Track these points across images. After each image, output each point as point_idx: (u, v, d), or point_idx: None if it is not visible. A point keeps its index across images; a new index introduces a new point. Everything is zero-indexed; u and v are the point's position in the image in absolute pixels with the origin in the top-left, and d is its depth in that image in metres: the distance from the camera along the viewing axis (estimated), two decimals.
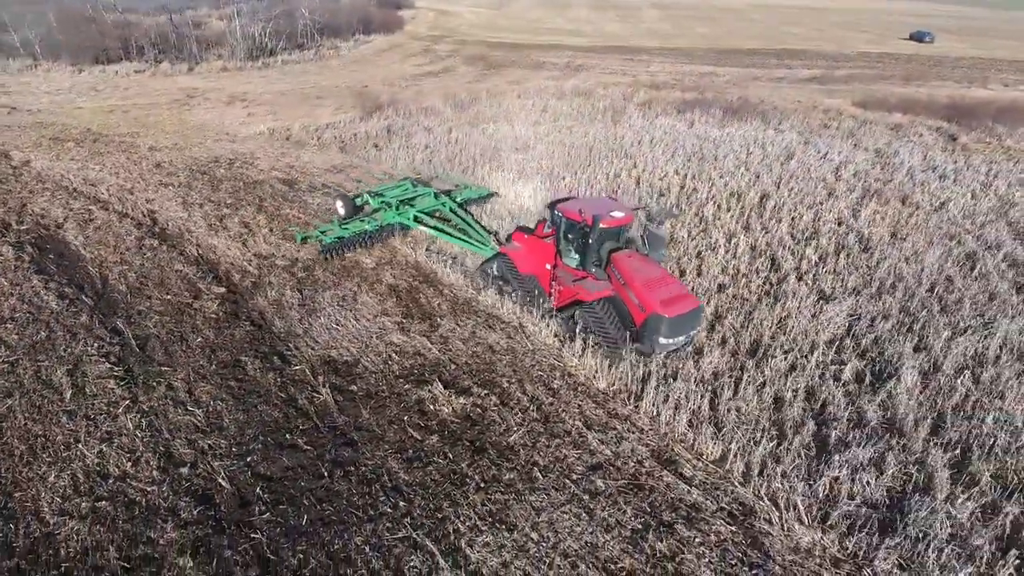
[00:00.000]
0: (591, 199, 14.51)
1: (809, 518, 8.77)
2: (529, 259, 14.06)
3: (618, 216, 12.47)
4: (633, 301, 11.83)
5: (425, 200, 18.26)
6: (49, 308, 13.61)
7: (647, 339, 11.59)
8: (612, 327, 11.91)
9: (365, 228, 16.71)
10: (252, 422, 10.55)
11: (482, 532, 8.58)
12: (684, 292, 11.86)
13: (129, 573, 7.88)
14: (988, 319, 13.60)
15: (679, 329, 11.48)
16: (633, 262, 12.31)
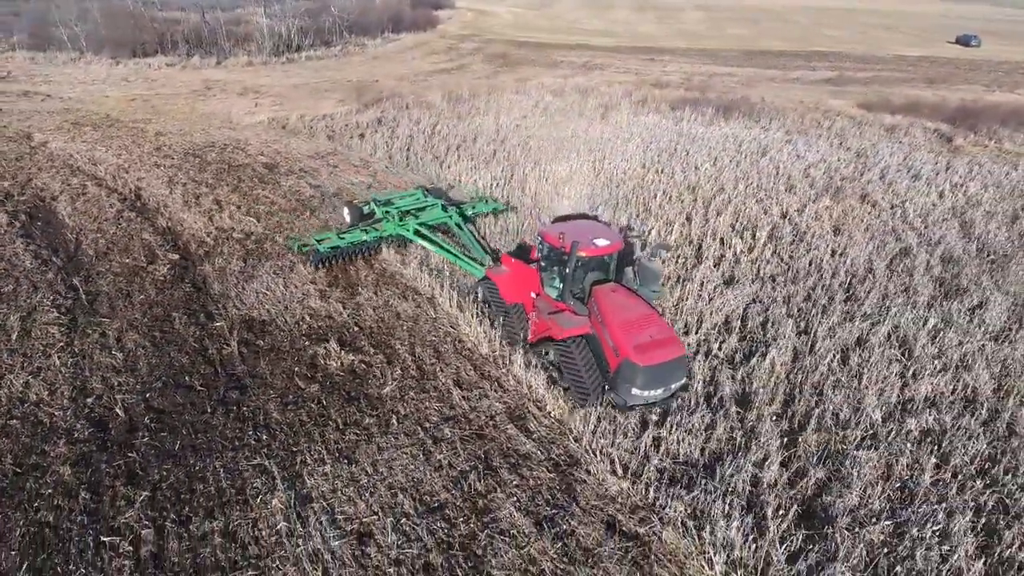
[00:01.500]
0: (580, 223, 12.62)
1: (622, 470, 9.48)
2: (514, 286, 12.72)
3: (601, 244, 11.00)
4: (608, 343, 10.29)
5: (432, 212, 17.35)
6: (23, 266, 15.31)
7: (620, 389, 10.03)
8: (585, 371, 10.37)
9: (363, 239, 15.98)
10: (161, 365, 11.88)
11: (325, 464, 9.64)
12: (668, 337, 10.08)
13: (18, 476, 9.22)
14: (886, 309, 13.83)
15: (657, 380, 9.87)
16: (615, 297, 10.74)
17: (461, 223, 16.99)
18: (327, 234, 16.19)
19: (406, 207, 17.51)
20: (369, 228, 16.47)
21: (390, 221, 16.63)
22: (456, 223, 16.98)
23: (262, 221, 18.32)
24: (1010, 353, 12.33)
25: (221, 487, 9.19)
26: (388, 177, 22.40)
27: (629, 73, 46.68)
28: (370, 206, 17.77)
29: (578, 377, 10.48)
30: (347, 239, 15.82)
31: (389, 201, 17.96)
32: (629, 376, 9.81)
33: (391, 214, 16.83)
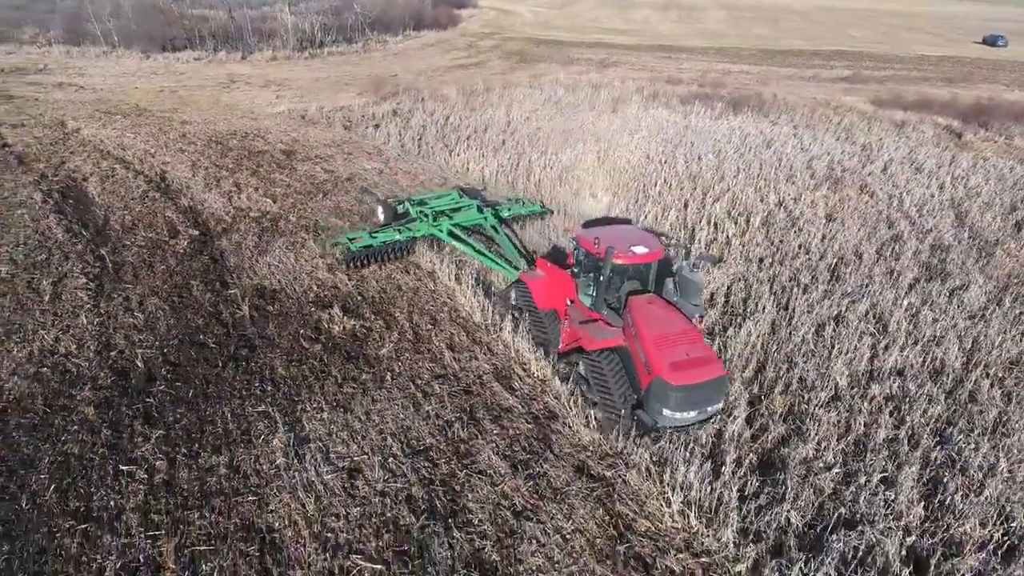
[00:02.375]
0: (619, 228, 12.21)
1: (593, 423, 10.21)
2: (549, 291, 12.17)
3: (640, 252, 10.26)
4: (641, 358, 9.55)
5: (467, 212, 16.93)
6: (55, 238, 16.47)
7: (650, 409, 9.33)
8: (614, 386, 9.77)
9: (396, 238, 15.64)
10: (178, 326, 12.86)
11: (323, 412, 10.51)
12: (706, 355, 9.32)
13: (47, 417, 10.23)
14: (866, 288, 14.32)
15: (691, 402, 9.08)
16: (651, 310, 10.01)
17: (497, 225, 16.53)
18: (359, 233, 15.98)
19: (441, 207, 17.11)
20: (402, 227, 16.16)
21: (424, 221, 16.25)
22: (492, 225, 16.52)
23: (278, 202, 19.31)
24: (983, 330, 12.77)
25: (228, 429, 10.10)
26: (399, 164, 23.30)
27: (644, 70, 47.14)
28: (404, 205, 17.43)
29: (606, 392, 9.79)
30: (379, 238, 15.54)
31: (424, 201, 17.63)
32: (661, 396, 9.02)
33: (425, 214, 16.43)
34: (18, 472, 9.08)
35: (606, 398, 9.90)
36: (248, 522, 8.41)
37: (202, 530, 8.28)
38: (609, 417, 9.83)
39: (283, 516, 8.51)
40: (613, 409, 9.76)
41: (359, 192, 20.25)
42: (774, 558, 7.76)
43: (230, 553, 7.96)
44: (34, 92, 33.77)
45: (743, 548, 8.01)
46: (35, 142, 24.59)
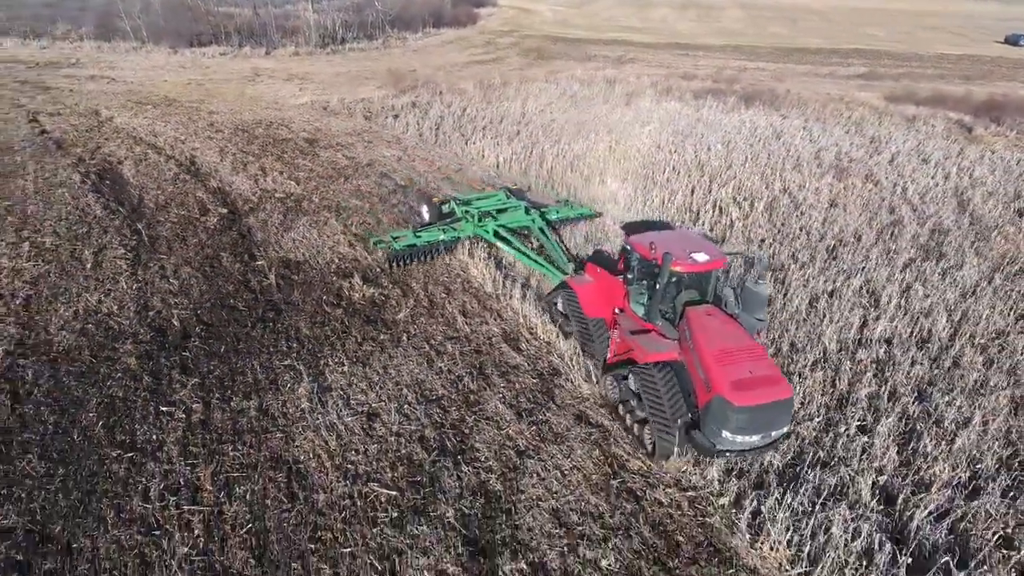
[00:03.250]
0: (676, 233, 11.62)
1: (593, 379, 10.97)
2: (597, 297, 11.58)
3: (700, 260, 9.45)
4: (699, 374, 8.78)
5: (513, 214, 16.47)
6: (95, 214, 17.55)
7: (707, 430, 8.52)
8: (668, 403, 8.99)
9: (440, 238, 15.30)
10: (210, 291, 13.82)
11: (343, 366, 11.37)
12: (772, 374, 8.51)
13: (93, 365, 11.20)
14: (862, 266, 14.91)
15: (754, 426, 8.23)
16: (711, 322, 9.22)
17: (544, 227, 16.11)
18: (404, 231, 15.69)
19: (487, 208, 16.66)
20: (447, 227, 15.73)
21: (469, 221, 15.86)
22: (539, 227, 16.05)
23: (301, 185, 20.28)
24: (972, 305, 13.31)
25: (257, 378, 11.00)
26: (417, 151, 24.19)
27: (660, 67, 47.66)
28: (450, 204, 16.98)
29: (659, 409, 9.02)
30: (423, 238, 15.18)
31: (469, 201, 17.18)
32: (721, 416, 8.22)
33: (471, 214, 16.03)
34: (69, 411, 10.04)
35: (659, 416, 9.02)
36: (276, 455, 9.29)
37: (235, 460, 9.16)
38: (662, 437, 8.94)
39: (307, 451, 9.38)
40: (666, 428, 8.90)
41: (378, 176, 21.16)
42: (754, 491, 8.46)
43: (260, 479, 8.83)
44: (68, 84, 35.19)
45: (726, 484, 8.72)
46: (71, 129, 25.82)
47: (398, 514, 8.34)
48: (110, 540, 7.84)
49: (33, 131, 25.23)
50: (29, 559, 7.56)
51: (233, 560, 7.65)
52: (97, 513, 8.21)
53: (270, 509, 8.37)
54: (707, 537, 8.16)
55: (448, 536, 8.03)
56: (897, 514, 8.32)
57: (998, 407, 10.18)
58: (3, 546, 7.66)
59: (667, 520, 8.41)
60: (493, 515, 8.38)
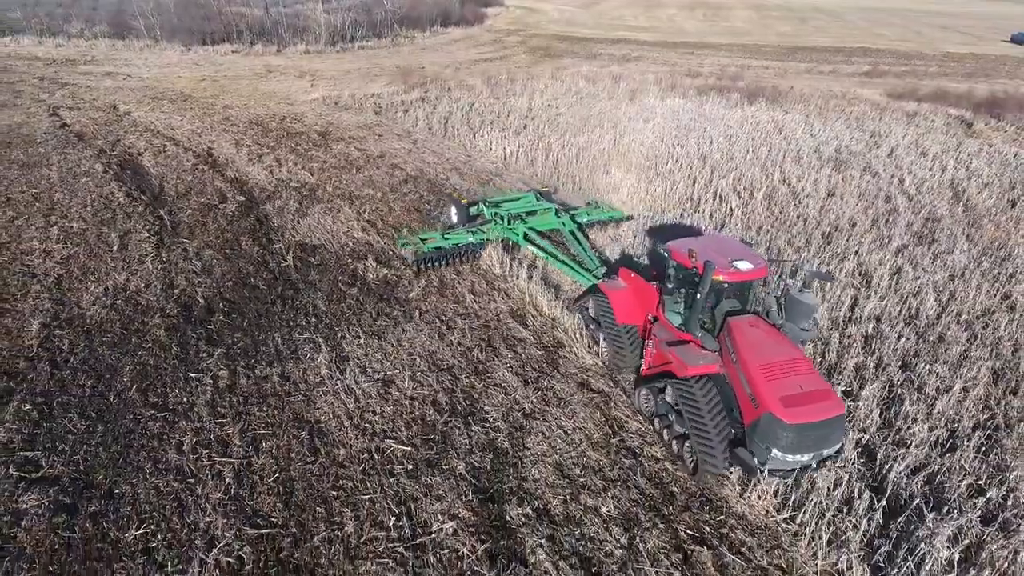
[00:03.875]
0: (715, 238, 11.07)
1: (595, 350, 11.63)
2: (630, 304, 11.21)
3: (744, 268, 8.98)
4: (744, 389, 8.40)
5: (544, 216, 16.20)
6: (118, 201, 18.31)
7: (754, 448, 8.15)
8: (711, 419, 8.52)
9: (468, 240, 15.10)
10: (232, 271, 14.53)
11: (359, 338, 12.05)
12: (822, 389, 8.16)
13: (124, 336, 11.92)
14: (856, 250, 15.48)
15: (806, 444, 7.91)
16: (755, 334, 8.82)
17: (575, 230, 15.78)
18: (432, 233, 15.52)
19: (516, 210, 16.36)
20: (476, 229, 15.56)
21: (498, 224, 15.64)
22: (570, 230, 15.75)
23: (315, 175, 20.99)
24: (960, 286, 13.88)
25: (279, 349, 11.69)
26: (427, 144, 24.88)
27: (666, 65, 48.21)
28: (479, 206, 16.72)
29: (702, 426, 8.54)
30: (451, 240, 15.03)
31: (499, 203, 16.89)
32: (770, 435, 7.87)
33: (500, 216, 15.79)
34: (104, 376, 10.76)
35: (701, 433, 8.54)
36: (299, 415, 9.97)
37: (261, 420, 9.85)
38: (707, 456, 8.47)
39: (328, 412, 10.06)
40: (710, 446, 8.41)
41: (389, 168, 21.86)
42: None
43: (285, 436, 9.51)
44: (85, 80, 36.08)
45: None
46: (91, 122, 26.64)
47: (413, 466, 9.00)
48: (149, 486, 8.52)
49: (54, 124, 26.05)
50: (76, 502, 8.26)
51: (262, 504, 8.32)
52: (135, 464, 8.90)
53: (295, 462, 9.04)
54: (699, 488, 8.78)
55: (459, 485, 8.69)
56: (877, 468, 8.93)
57: (978, 377, 10.75)
58: (52, 491, 8.36)
59: (663, 473, 9.05)
60: (501, 468, 9.03)
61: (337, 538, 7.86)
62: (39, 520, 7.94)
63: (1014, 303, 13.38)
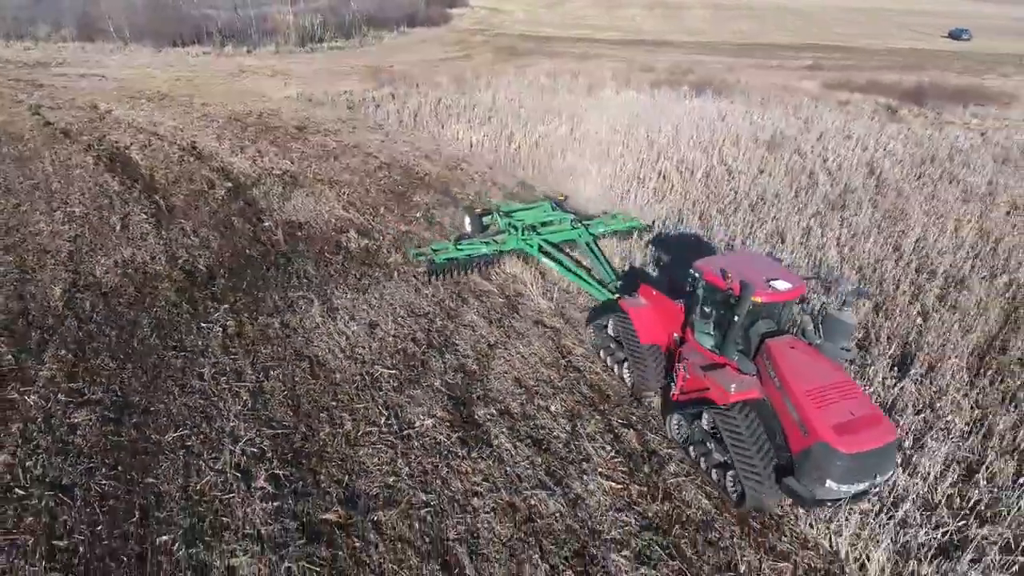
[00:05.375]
0: (743, 255, 10.79)
1: (548, 298, 13.76)
2: (654, 324, 10.81)
3: (781, 288, 8.63)
4: (791, 416, 8.10)
5: (559, 227, 15.94)
6: (113, 189, 19.84)
7: (806, 478, 7.86)
8: (755, 447, 8.20)
9: (482, 251, 14.83)
10: (228, 245, 16.29)
11: (347, 294, 13.96)
12: (873, 413, 7.95)
13: (139, 298, 13.62)
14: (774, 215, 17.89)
15: (861, 473, 7.68)
16: (797, 357, 8.49)
17: (591, 242, 15.37)
18: (445, 243, 15.31)
19: (531, 220, 16.01)
20: (489, 240, 15.40)
21: (512, 234, 15.26)
22: (586, 242, 15.34)
23: (295, 164, 22.74)
24: (860, 242, 16.34)
25: (277, 304, 13.53)
26: (398, 135, 26.79)
27: (624, 62, 50.64)
28: (493, 216, 16.60)
29: (746, 456, 8.21)
30: (465, 251, 14.77)
31: (513, 212, 16.56)
32: (825, 465, 7.59)
33: (514, 226, 15.38)
34: (126, 328, 12.49)
35: (746, 463, 8.20)
36: (299, 352, 11.86)
37: (267, 356, 11.71)
38: (753, 487, 8.14)
39: (324, 348, 11.97)
40: (757, 477, 8.09)
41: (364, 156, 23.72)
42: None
43: (289, 366, 11.40)
44: (61, 81, 37.07)
45: None
46: (74, 120, 27.91)
47: (398, 384, 10.99)
48: (179, 404, 10.35)
49: (39, 123, 27.29)
50: (119, 417, 10.04)
51: (275, 414, 10.21)
52: (165, 389, 10.71)
53: (299, 384, 10.95)
54: (629, 391, 10.95)
55: (437, 396, 10.71)
56: None
57: (867, 307, 13.15)
58: (98, 409, 10.13)
59: (601, 383, 11.20)
60: (470, 383, 11.07)
61: (339, 433, 9.81)
62: (91, 429, 9.72)
63: (902, 253, 15.87)
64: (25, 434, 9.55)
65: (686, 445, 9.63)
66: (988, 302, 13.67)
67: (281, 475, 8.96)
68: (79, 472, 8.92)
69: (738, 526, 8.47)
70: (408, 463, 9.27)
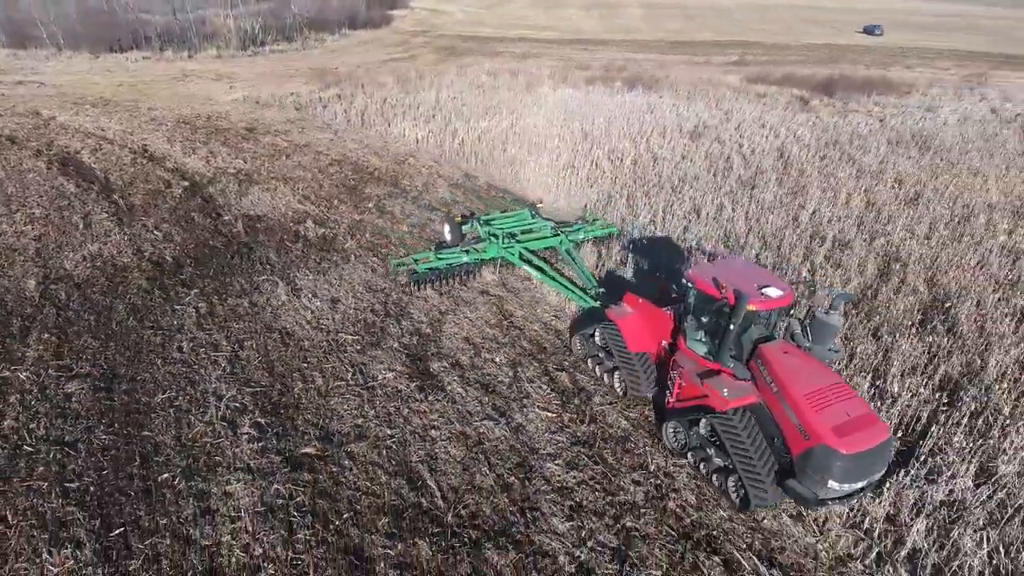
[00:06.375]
0: (735, 264, 10.84)
1: (492, 271, 15.43)
2: (642, 332, 11.13)
3: (773, 296, 8.97)
4: (790, 420, 8.42)
5: (540, 235, 16.16)
6: (70, 191, 20.49)
7: (808, 480, 8.21)
8: (755, 452, 8.60)
9: (463, 260, 14.98)
10: (191, 238, 17.35)
11: (308, 275, 15.31)
12: (868, 414, 8.36)
13: (111, 287, 14.64)
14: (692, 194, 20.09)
15: (859, 472, 8.12)
16: (792, 361, 8.88)
17: (572, 249, 15.61)
18: (425, 253, 15.46)
19: (511, 227, 16.26)
20: (470, 248, 15.43)
21: (493, 243, 15.36)
22: (567, 249, 15.54)
23: (249, 163, 23.74)
24: (766, 214, 18.63)
25: (244, 287, 14.78)
26: (347, 134, 27.98)
27: (561, 60, 52.84)
28: (472, 223, 16.72)
29: (747, 460, 8.58)
30: (446, 260, 14.91)
31: (492, 220, 16.86)
32: (825, 465, 7.94)
33: (495, 234, 15.49)
34: (103, 313, 13.54)
35: (748, 467, 8.57)
36: (269, 325, 13.20)
37: (240, 330, 13.01)
38: (756, 490, 8.52)
39: (291, 321, 13.34)
40: (758, 480, 8.46)
41: (315, 154, 24.90)
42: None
43: (262, 338, 12.74)
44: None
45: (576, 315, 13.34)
46: (18, 127, 28.01)
47: (360, 347, 12.48)
48: (164, 373, 11.58)
49: None
50: (109, 386, 11.23)
51: (252, 376, 11.57)
52: (148, 361, 11.91)
53: (271, 351, 12.31)
54: (564, 344, 12.75)
55: (396, 354, 12.26)
56: None
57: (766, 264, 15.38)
58: (88, 379, 11.29)
59: (539, 338, 12.97)
60: (425, 344, 12.67)
61: (311, 388, 11.26)
62: (85, 396, 10.89)
63: (800, 222, 18.22)
64: (24, 402, 10.65)
65: (684, 451, 9.96)
66: (866, 259, 16.05)
67: (263, 422, 10.37)
68: (79, 430, 10.11)
69: (649, 438, 10.35)
70: (374, 407, 10.81)
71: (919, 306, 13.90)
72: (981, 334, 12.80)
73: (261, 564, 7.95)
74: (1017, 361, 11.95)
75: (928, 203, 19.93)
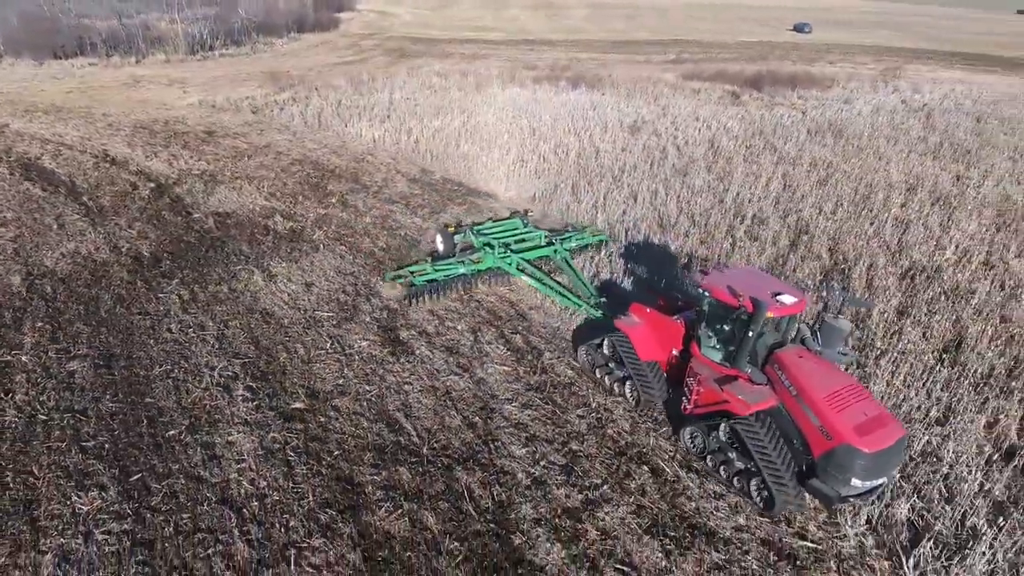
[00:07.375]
0: (743, 271, 11.25)
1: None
2: (652, 341, 11.41)
3: (788, 302, 9.31)
4: (811, 421, 8.76)
5: (534, 243, 16.39)
6: (37, 195, 21.17)
7: (831, 479, 8.57)
8: (776, 454, 8.89)
9: (460, 271, 15.19)
10: (164, 234, 18.41)
11: (282, 264, 16.65)
12: (884, 413, 8.75)
13: (95, 280, 15.68)
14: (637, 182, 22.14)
15: (879, 469, 8.51)
16: (808, 365, 9.21)
17: (567, 258, 15.88)
18: (421, 266, 15.64)
19: (504, 237, 16.52)
20: (466, 260, 15.57)
21: (489, 253, 15.50)
22: (563, 257, 15.86)
23: (212, 164, 24.72)
24: (695, 198, 20.81)
25: (222, 276, 16.02)
26: (305, 135, 29.11)
27: (509, 61, 54.66)
28: (464, 233, 16.92)
29: (770, 462, 8.86)
30: (442, 271, 15.15)
31: (484, 229, 17.15)
32: (848, 464, 8.32)
33: (490, 245, 15.74)
34: (91, 303, 14.62)
35: (771, 469, 8.86)
36: (250, 308, 14.51)
37: (223, 312, 14.31)
38: (780, 491, 8.82)
39: (270, 303, 14.70)
40: (782, 481, 8.77)
41: (275, 154, 26.03)
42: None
43: (244, 318, 14.07)
44: None
45: (530, 289, 15.12)
46: None
47: (336, 323, 13.97)
48: (158, 351, 12.83)
49: None
50: (107, 364, 12.43)
51: (240, 349, 12.93)
52: (141, 342, 13.13)
53: (254, 330, 13.67)
54: (518, 312, 14.50)
55: (369, 327, 13.79)
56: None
57: (694, 243, 17.45)
58: (88, 359, 12.47)
59: (496, 308, 14.68)
60: (395, 317, 14.23)
61: (295, 357, 12.70)
62: (87, 373, 12.07)
63: (725, 204, 20.46)
64: (31, 380, 11.79)
65: (703, 455, 10.21)
66: (780, 233, 18.34)
67: (255, 386, 11.78)
68: (87, 400, 11.34)
69: (593, 384, 12.20)
70: (352, 370, 12.34)
71: (821, 270, 16.20)
72: (869, 288, 15.13)
73: (267, 492, 9.43)
74: (895, 308, 14.30)
75: (836, 184, 22.50)
